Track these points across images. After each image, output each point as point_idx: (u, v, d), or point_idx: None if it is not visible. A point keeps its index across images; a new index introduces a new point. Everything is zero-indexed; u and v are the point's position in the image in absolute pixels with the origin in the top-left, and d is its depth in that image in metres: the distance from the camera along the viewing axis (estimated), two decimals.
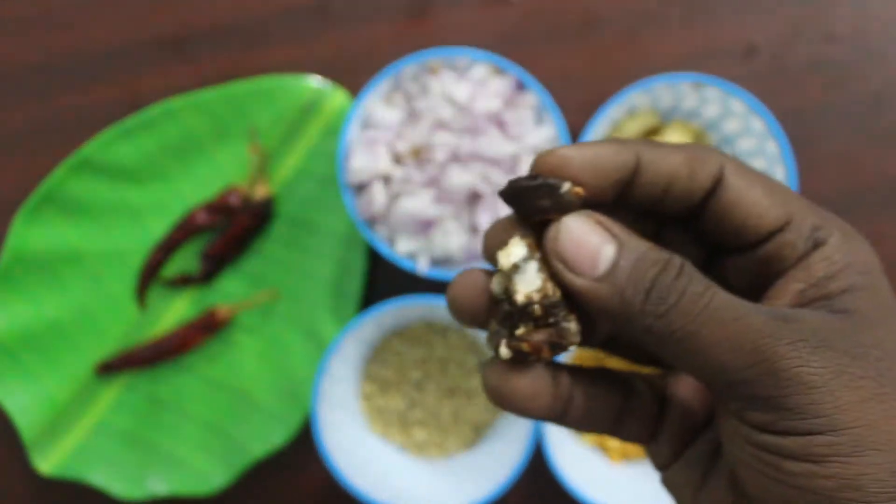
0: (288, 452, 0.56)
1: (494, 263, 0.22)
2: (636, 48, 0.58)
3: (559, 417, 0.22)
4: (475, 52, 0.52)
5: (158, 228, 0.57)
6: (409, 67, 0.52)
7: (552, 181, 0.21)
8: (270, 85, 0.56)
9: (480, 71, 0.52)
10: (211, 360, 0.56)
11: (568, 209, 0.21)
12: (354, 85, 0.58)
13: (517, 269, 0.21)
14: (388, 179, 0.51)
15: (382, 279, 0.57)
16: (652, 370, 0.26)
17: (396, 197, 0.51)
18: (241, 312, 0.56)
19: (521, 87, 0.52)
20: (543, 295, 0.20)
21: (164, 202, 0.57)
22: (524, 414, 0.22)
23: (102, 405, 0.56)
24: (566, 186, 0.21)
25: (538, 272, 0.21)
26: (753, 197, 0.21)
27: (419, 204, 0.50)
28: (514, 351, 0.21)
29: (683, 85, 0.51)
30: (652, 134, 0.55)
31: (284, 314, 0.56)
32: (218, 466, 0.55)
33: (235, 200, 0.55)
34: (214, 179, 0.57)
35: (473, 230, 0.51)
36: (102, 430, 0.55)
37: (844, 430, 0.18)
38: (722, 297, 0.19)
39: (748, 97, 0.50)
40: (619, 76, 0.57)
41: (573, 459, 0.52)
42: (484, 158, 0.50)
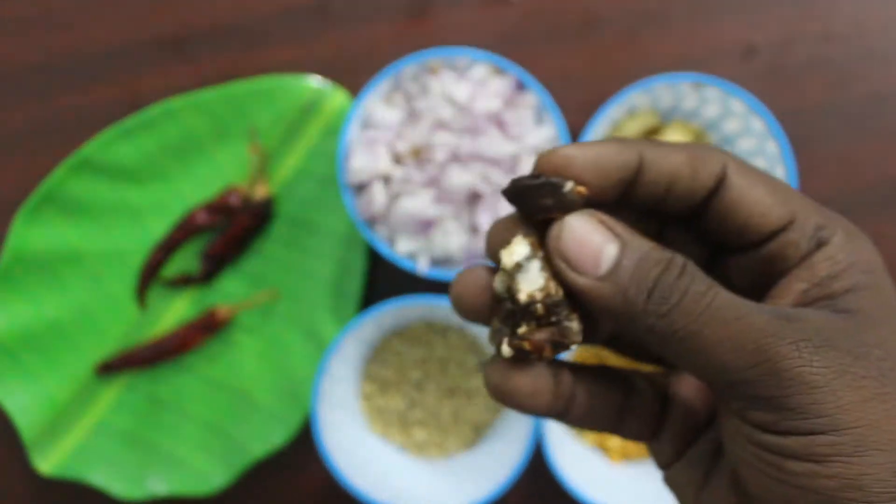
0: (288, 452, 0.56)
1: (497, 262, 0.22)
2: (636, 48, 0.58)
3: (561, 415, 0.22)
4: (475, 52, 0.52)
5: (158, 228, 0.57)
6: (409, 67, 0.52)
7: (555, 180, 0.21)
8: (270, 85, 0.56)
9: (480, 71, 0.52)
10: (211, 360, 0.56)
11: (571, 208, 0.21)
12: (354, 85, 0.58)
13: (520, 268, 0.21)
14: (388, 179, 0.51)
15: (382, 279, 0.57)
16: (654, 368, 0.26)
17: (396, 197, 0.51)
18: (241, 312, 0.56)
19: (521, 87, 0.52)
20: (546, 294, 0.20)
21: (164, 202, 0.57)
22: (525, 411, 0.22)
23: (102, 405, 0.56)
24: (569, 185, 0.21)
25: (541, 271, 0.21)
26: (756, 196, 0.21)
27: (419, 204, 0.50)
28: (515, 349, 0.21)
29: (683, 85, 0.51)
30: (652, 134, 0.55)
31: (284, 314, 0.56)
32: (218, 466, 0.55)
33: (235, 200, 0.55)
34: (214, 179, 0.57)
35: (473, 230, 0.51)
36: (102, 430, 0.55)
37: (846, 429, 0.18)
38: (724, 296, 0.19)
39: (748, 97, 0.50)
40: (619, 76, 0.57)
41: (573, 459, 0.52)
42: (484, 158, 0.50)
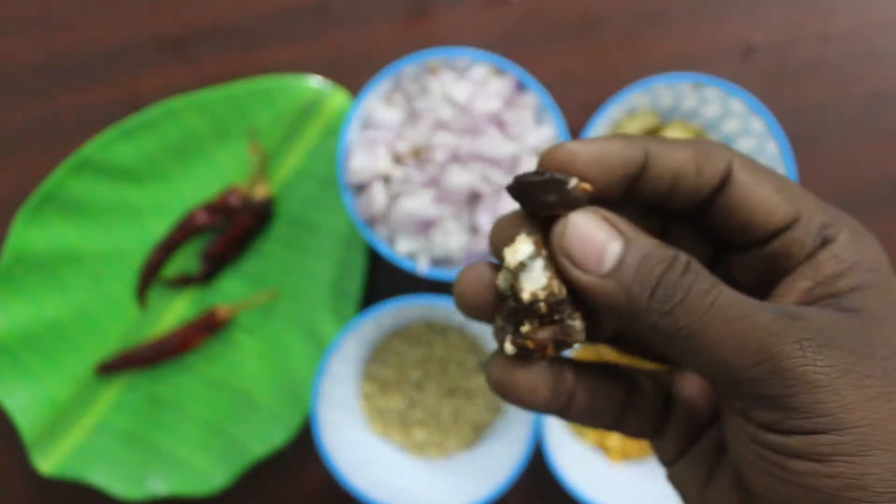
0: (288, 452, 0.56)
1: (501, 259, 0.22)
2: (636, 48, 0.58)
3: (562, 411, 0.22)
4: (475, 52, 0.52)
5: (159, 228, 0.57)
6: (409, 67, 0.52)
7: (559, 177, 0.21)
8: (270, 85, 0.56)
9: (480, 71, 0.52)
10: (211, 360, 0.56)
11: (575, 205, 0.21)
12: (354, 85, 0.58)
13: (524, 266, 0.21)
14: (388, 179, 0.51)
15: (382, 279, 0.57)
16: (658, 366, 0.26)
17: (396, 197, 0.51)
18: (241, 312, 0.56)
19: (521, 87, 0.52)
20: (549, 293, 0.20)
21: (164, 202, 0.57)
22: (527, 407, 0.22)
23: (103, 405, 0.56)
24: (573, 182, 0.21)
25: (544, 270, 0.21)
26: (762, 193, 0.21)
27: (419, 204, 0.50)
28: (519, 347, 0.21)
29: (683, 85, 0.51)
30: (652, 134, 0.55)
31: (284, 314, 0.56)
32: (218, 466, 0.55)
33: (235, 200, 0.55)
34: (214, 179, 0.57)
35: (473, 230, 0.51)
36: (103, 430, 0.55)
37: (849, 429, 0.18)
38: (728, 294, 0.19)
39: (748, 97, 0.50)
40: (619, 76, 0.57)
41: (573, 459, 0.52)
42: (484, 158, 0.50)
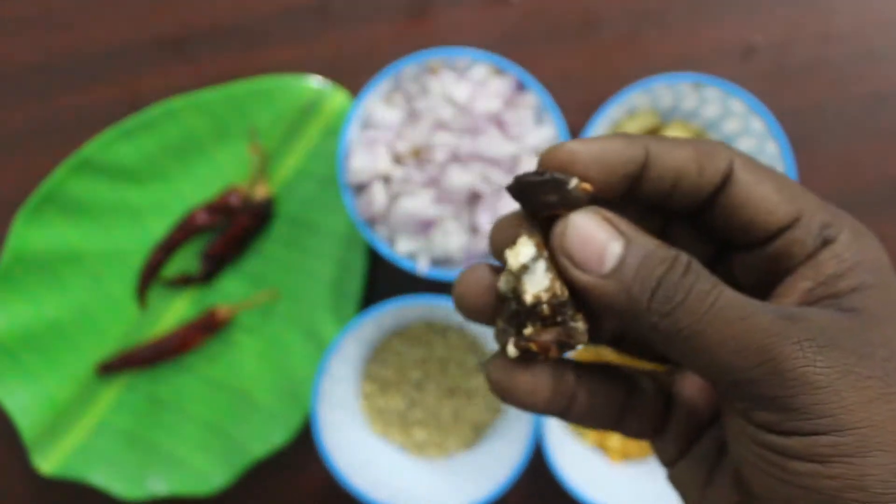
0: (288, 452, 0.56)
1: (501, 260, 0.22)
2: (636, 48, 0.58)
3: (562, 412, 0.22)
4: (475, 52, 0.52)
5: (159, 228, 0.57)
6: (409, 67, 0.52)
7: (560, 176, 0.21)
8: (270, 85, 0.56)
9: (480, 71, 0.52)
10: (211, 360, 0.56)
11: (575, 205, 0.21)
12: (354, 85, 0.58)
13: (526, 269, 0.21)
14: (388, 179, 0.51)
15: (382, 279, 0.57)
16: (658, 367, 0.26)
17: (396, 197, 0.51)
18: (241, 312, 0.56)
19: (521, 87, 0.52)
20: (552, 294, 0.20)
21: (164, 202, 0.57)
22: (527, 408, 0.22)
23: (103, 405, 0.56)
24: (574, 182, 0.21)
25: (546, 272, 0.21)
26: (763, 193, 0.21)
27: (419, 204, 0.50)
28: (522, 350, 0.21)
29: (683, 85, 0.51)
30: (652, 134, 0.55)
31: (284, 314, 0.56)
32: (218, 466, 0.55)
33: (235, 200, 0.55)
34: (214, 179, 0.57)
35: (473, 230, 0.51)
36: (103, 430, 0.55)
37: (849, 430, 0.18)
38: (728, 295, 0.19)
39: (748, 97, 0.50)
40: (619, 76, 0.57)
41: (573, 459, 0.52)
42: (484, 158, 0.50)
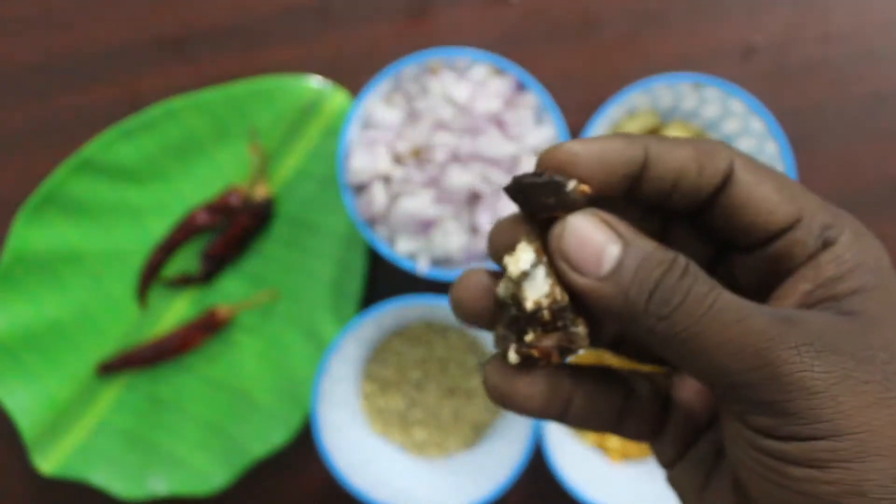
0: (288, 452, 0.57)
1: (499, 263, 0.22)
2: (636, 48, 0.58)
3: (559, 416, 0.22)
4: (475, 52, 0.52)
5: (159, 229, 0.57)
6: (409, 68, 0.52)
7: (558, 178, 0.20)
8: (270, 85, 0.56)
9: (480, 71, 0.52)
10: (211, 360, 0.56)
11: (573, 207, 0.21)
12: (354, 85, 0.58)
13: (526, 275, 0.20)
14: (388, 179, 0.51)
15: (382, 279, 0.57)
16: (658, 369, 0.26)
17: (396, 197, 0.51)
18: (241, 312, 0.56)
19: (521, 87, 0.52)
20: (552, 300, 0.20)
21: (164, 202, 0.57)
22: (525, 413, 0.22)
23: (103, 405, 0.56)
24: (572, 184, 0.20)
25: (546, 277, 0.20)
26: (763, 193, 0.21)
27: (419, 204, 0.50)
28: (523, 357, 0.21)
29: (683, 85, 0.51)
30: (652, 134, 0.55)
31: (284, 314, 0.56)
32: (218, 466, 0.55)
33: (236, 201, 0.55)
34: (215, 180, 0.57)
35: (473, 230, 0.51)
36: (103, 429, 0.55)
37: (847, 435, 0.18)
38: (726, 298, 0.19)
39: (748, 97, 0.50)
40: (619, 76, 0.57)
41: (573, 459, 0.52)
42: (484, 159, 0.50)
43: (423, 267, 0.51)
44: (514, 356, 0.21)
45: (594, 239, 0.20)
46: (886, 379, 0.18)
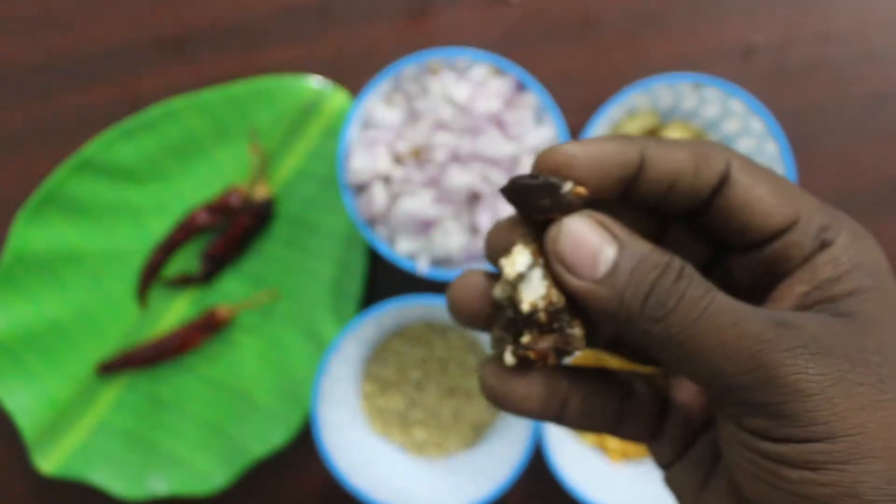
0: (288, 452, 0.57)
1: (496, 265, 0.22)
2: (636, 48, 0.58)
3: (556, 417, 0.22)
4: (475, 52, 0.52)
5: (159, 229, 0.57)
6: (409, 68, 0.52)
7: (553, 180, 0.20)
8: (271, 85, 0.56)
9: (480, 71, 0.52)
10: (211, 360, 0.56)
11: (569, 209, 0.21)
12: (354, 85, 0.58)
13: (522, 278, 0.20)
14: (388, 179, 0.51)
15: (382, 279, 0.57)
16: (655, 370, 0.26)
17: (396, 197, 0.51)
18: (241, 312, 0.56)
19: (521, 87, 0.52)
20: (548, 302, 0.20)
21: (164, 202, 0.57)
22: (521, 414, 0.22)
23: (103, 405, 0.56)
24: (567, 186, 0.20)
25: (542, 279, 0.20)
26: (760, 194, 0.21)
27: (419, 204, 0.50)
28: (519, 358, 0.21)
29: (683, 85, 0.51)
30: (652, 134, 0.55)
31: (284, 314, 0.56)
32: (218, 466, 0.55)
33: (236, 201, 0.55)
34: (215, 180, 0.57)
35: (473, 230, 0.51)
36: (103, 429, 0.55)
37: (842, 437, 0.18)
38: (721, 300, 0.19)
39: (748, 97, 0.50)
40: (619, 76, 0.57)
41: (573, 459, 0.52)
42: (484, 159, 0.50)
43: (423, 267, 0.51)
44: (510, 358, 0.21)
45: (590, 241, 0.20)
46: (881, 381, 0.18)
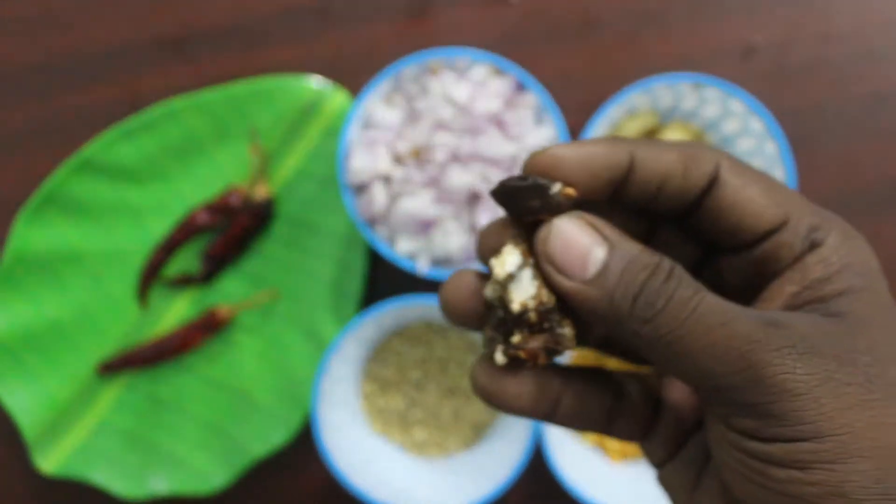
0: (288, 452, 0.57)
1: (489, 267, 0.22)
2: (636, 48, 0.58)
3: (548, 416, 0.22)
4: (475, 52, 0.52)
5: (159, 229, 0.57)
6: (409, 68, 0.52)
7: (542, 182, 0.20)
8: (271, 85, 0.56)
9: (480, 71, 0.52)
10: (211, 360, 0.56)
11: (558, 210, 0.21)
12: (354, 85, 0.58)
13: (512, 278, 0.20)
14: (388, 180, 0.51)
15: (382, 279, 0.57)
16: (647, 369, 0.26)
17: (396, 197, 0.51)
18: (241, 312, 0.56)
19: (520, 87, 0.52)
20: (539, 302, 0.20)
21: (164, 202, 0.57)
22: (513, 412, 0.22)
23: (103, 405, 0.56)
24: (556, 187, 0.20)
25: (532, 279, 0.20)
26: (750, 195, 0.21)
27: (419, 204, 0.50)
28: (510, 358, 0.21)
29: (683, 85, 0.51)
30: (651, 134, 0.55)
31: (284, 314, 0.56)
32: (218, 466, 0.55)
33: (236, 201, 0.55)
34: (215, 180, 0.57)
35: (473, 230, 0.51)
36: (103, 429, 0.56)
37: (829, 437, 0.18)
38: (710, 301, 0.19)
39: (747, 97, 0.50)
40: (619, 76, 0.57)
41: (573, 459, 0.52)
42: (484, 159, 0.50)
43: (423, 267, 0.51)
44: (500, 357, 0.21)
45: (580, 242, 0.20)
46: (869, 381, 0.18)
